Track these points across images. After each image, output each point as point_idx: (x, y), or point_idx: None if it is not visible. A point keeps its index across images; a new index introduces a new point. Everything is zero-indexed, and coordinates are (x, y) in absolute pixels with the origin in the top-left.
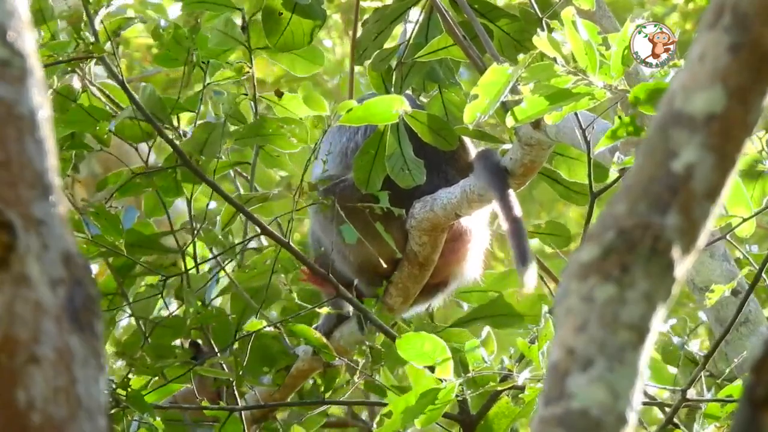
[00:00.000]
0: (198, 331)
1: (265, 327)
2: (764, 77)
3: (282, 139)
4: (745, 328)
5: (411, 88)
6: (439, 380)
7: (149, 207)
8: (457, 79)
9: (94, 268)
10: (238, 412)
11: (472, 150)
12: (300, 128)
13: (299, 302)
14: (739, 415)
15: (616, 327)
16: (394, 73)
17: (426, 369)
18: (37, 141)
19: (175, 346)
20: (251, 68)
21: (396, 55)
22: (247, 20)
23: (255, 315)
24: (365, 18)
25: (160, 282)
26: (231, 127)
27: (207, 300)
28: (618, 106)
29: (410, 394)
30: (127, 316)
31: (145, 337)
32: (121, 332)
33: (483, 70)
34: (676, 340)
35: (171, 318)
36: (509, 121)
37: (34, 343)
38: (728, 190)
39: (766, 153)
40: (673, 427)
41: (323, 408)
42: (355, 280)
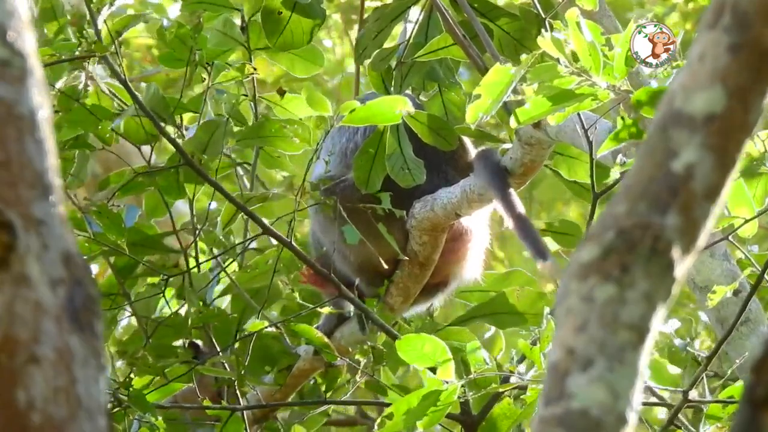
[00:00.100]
0: (199, 331)
1: (266, 327)
2: (764, 77)
3: (284, 140)
4: (745, 328)
5: (411, 88)
6: (441, 382)
7: (150, 207)
8: (457, 78)
9: (95, 267)
10: (239, 412)
11: (472, 150)
12: (302, 129)
13: (300, 302)
14: (739, 415)
15: (616, 327)
16: (394, 73)
17: (427, 370)
18: (37, 141)
19: (177, 345)
20: (255, 70)
21: (396, 55)
22: (247, 21)
23: (256, 315)
24: (364, 17)
25: (161, 281)
26: (234, 128)
27: (208, 300)
28: (621, 108)
29: (412, 396)
30: (128, 316)
31: (147, 336)
32: (121, 332)
33: (483, 70)
34: (678, 342)
35: (172, 317)
36: (513, 122)
37: (34, 343)
38: (728, 190)
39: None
40: (676, 427)
41: (324, 408)
42: (357, 280)
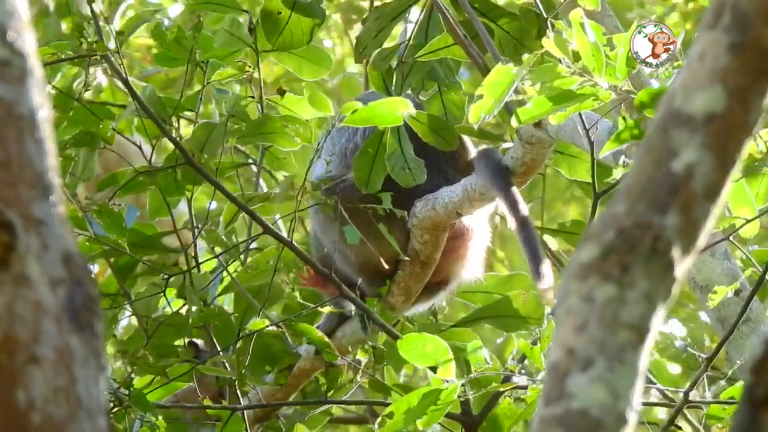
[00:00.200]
0: (200, 330)
1: (267, 326)
2: (764, 77)
3: (285, 137)
4: (746, 327)
5: (410, 87)
6: (441, 381)
7: (154, 207)
8: (457, 78)
9: (95, 267)
10: (240, 412)
11: (472, 149)
12: (304, 127)
13: (301, 301)
14: (739, 415)
15: (616, 327)
16: (395, 73)
17: (428, 369)
18: (37, 141)
19: (177, 345)
20: (251, 68)
21: (396, 55)
22: (254, 22)
23: (257, 314)
24: (364, 16)
25: (162, 281)
26: (233, 126)
27: (209, 299)
28: (622, 108)
29: (412, 395)
30: (128, 315)
31: (148, 336)
32: (122, 332)
33: (484, 70)
34: (679, 343)
35: (173, 317)
36: (514, 122)
37: (34, 343)
38: (729, 190)
39: None
40: (676, 428)
41: (325, 407)
42: (359, 280)
